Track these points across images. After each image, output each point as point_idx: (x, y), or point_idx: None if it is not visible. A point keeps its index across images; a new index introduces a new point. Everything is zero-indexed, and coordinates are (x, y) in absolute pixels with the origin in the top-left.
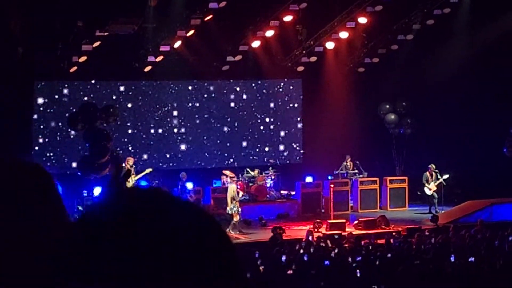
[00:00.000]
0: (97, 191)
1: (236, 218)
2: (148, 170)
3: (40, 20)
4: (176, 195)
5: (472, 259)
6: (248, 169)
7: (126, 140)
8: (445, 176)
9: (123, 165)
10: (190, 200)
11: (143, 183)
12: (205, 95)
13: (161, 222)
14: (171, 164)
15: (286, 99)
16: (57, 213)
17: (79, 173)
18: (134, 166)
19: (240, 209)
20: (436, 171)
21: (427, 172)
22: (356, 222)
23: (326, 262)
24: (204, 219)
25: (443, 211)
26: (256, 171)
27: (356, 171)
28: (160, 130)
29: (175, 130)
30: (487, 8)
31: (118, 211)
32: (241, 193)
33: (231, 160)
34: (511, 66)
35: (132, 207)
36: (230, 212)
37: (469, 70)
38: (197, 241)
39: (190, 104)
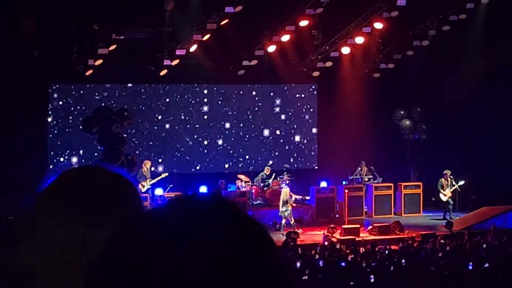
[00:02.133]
0: None
1: (289, 221)
2: (164, 175)
3: (56, 23)
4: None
5: (487, 265)
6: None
7: (140, 143)
8: (461, 182)
9: (136, 168)
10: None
11: (158, 188)
12: (221, 99)
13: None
14: (186, 168)
15: (301, 104)
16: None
17: None
18: (149, 170)
19: (292, 212)
20: (451, 177)
21: (443, 178)
22: (370, 227)
23: (343, 264)
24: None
25: (457, 217)
26: (266, 169)
27: (370, 176)
28: (175, 134)
29: (191, 133)
30: (503, 15)
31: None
32: (294, 197)
33: (246, 164)
34: None
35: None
36: (281, 215)
37: (484, 76)
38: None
39: (206, 108)
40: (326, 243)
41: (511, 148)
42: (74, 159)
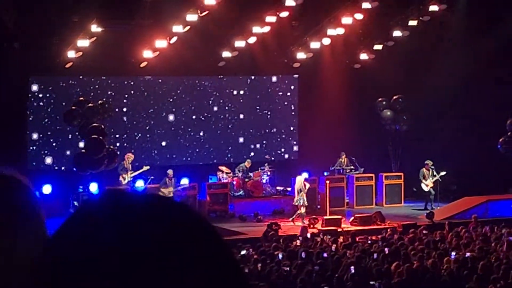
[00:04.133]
0: (93, 187)
1: (301, 210)
2: (146, 168)
3: (36, 16)
4: (170, 199)
5: (468, 254)
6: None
7: (121, 136)
8: (442, 173)
9: (116, 161)
10: (184, 203)
11: (139, 180)
12: (201, 91)
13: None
14: (167, 160)
15: (282, 95)
16: (31, 225)
17: (75, 169)
18: (131, 163)
19: (306, 201)
20: (433, 167)
21: (424, 169)
22: (351, 218)
23: (324, 255)
24: (199, 223)
25: (438, 208)
26: (247, 161)
27: (352, 167)
28: (156, 126)
29: (171, 126)
30: (483, 6)
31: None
32: (307, 185)
33: (228, 156)
34: (507, 64)
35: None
36: (296, 204)
37: (465, 67)
38: (192, 247)
39: (186, 100)
40: (305, 234)
41: (492, 139)
42: (55, 152)
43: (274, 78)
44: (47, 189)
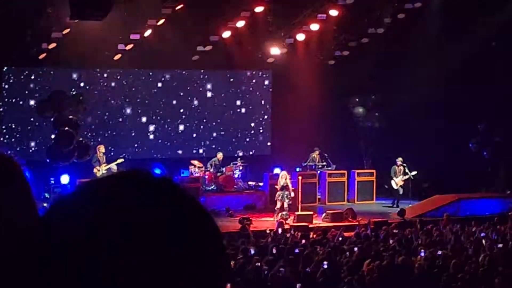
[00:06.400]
0: (64, 178)
1: (278, 205)
2: (120, 160)
3: (10, 6)
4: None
5: (440, 252)
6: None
7: (94, 128)
8: (414, 173)
9: (90, 153)
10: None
11: None
12: (175, 85)
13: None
14: (140, 153)
15: (255, 90)
16: (22, 203)
17: (47, 160)
18: (104, 154)
19: (284, 196)
20: (404, 165)
21: (395, 166)
22: (323, 214)
23: (296, 250)
24: (195, 208)
25: (410, 205)
26: (219, 154)
27: (324, 163)
28: (129, 119)
29: (144, 119)
30: (458, 4)
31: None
32: (283, 182)
33: (200, 150)
34: (481, 64)
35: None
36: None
37: (439, 65)
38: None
39: (159, 93)
40: (279, 229)
41: (464, 137)
42: (33, 143)
43: (248, 73)
44: None
